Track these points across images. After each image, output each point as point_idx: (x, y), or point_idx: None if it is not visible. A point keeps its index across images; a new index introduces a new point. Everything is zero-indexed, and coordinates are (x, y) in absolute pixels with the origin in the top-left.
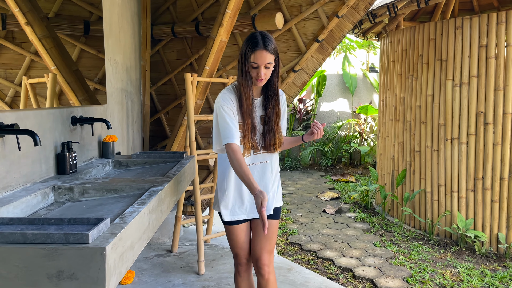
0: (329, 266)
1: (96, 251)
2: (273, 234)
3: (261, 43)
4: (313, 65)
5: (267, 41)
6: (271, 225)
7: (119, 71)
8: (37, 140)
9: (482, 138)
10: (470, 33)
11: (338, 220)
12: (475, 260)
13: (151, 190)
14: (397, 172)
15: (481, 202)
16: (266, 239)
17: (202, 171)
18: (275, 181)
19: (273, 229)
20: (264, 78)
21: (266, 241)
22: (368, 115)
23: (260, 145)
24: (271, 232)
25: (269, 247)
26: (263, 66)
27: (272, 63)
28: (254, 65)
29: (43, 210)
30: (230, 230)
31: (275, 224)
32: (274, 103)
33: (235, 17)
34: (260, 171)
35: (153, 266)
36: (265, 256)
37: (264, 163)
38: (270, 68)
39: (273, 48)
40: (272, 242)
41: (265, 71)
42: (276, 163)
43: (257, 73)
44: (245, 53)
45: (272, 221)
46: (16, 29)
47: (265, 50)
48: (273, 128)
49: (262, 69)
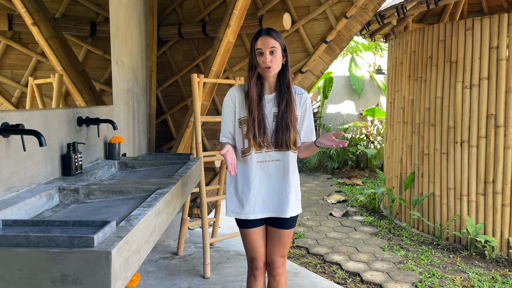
0: (337, 270)
1: (101, 255)
2: (286, 242)
3: (264, 31)
4: (321, 67)
5: (271, 30)
6: (284, 234)
7: (125, 72)
8: (42, 140)
9: (492, 141)
10: (481, 34)
11: (345, 224)
12: (485, 265)
13: (157, 192)
14: (405, 175)
15: (491, 206)
16: (279, 246)
17: (208, 173)
18: (290, 184)
19: (286, 237)
20: (271, 66)
21: (280, 248)
22: (375, 117)
23: (272, 142)
24: (283, 240)
25: (282, 253)
26: (268, 52)
27: (276, 48)
28: (259, 51)
29: (48, 211)
30: (245, 234)
31: (289, 233)
32: (287, 97)
33: (242, 17)
34: (271, 169)
35: (158, 269)
36: (279, 260)
37: (276, 162)
38: (276, 55)
39: (278, 37)
40: (285, 249)
41: (271, 58)
42: (291, 164)
43: (263, 60)
44: (252, 45)
45: (285, 231)
46: (22, 30)
47: (268, 36)
48: (287, 124)
49: (267, 55)
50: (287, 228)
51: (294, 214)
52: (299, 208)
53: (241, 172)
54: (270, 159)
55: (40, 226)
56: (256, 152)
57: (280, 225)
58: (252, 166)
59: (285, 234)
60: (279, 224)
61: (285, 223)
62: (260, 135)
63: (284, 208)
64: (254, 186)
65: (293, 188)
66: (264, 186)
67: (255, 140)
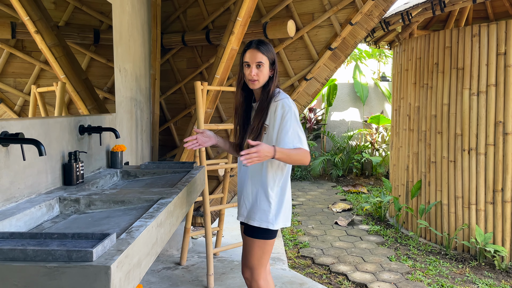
0: (343, 281)
1: (100, 269)
2: (249, 251)
3: (254, 44)
4: (326, 74)
5: (261, 43)
6: (246, 240)
7: (129, 79)
8: (42, 149)
9: (501, 149)
10: (488, 40)
11: (351, 233)
12: (495, 275)
13: (159, 202)
14: (412, 183)
15: (500, 215)
16: (244, 253)
17: (212, 181)
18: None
19: (248, 245)
20: (256, 79)
21: (245, 256)
22: (380, 124)
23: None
24: (246, 247)
25: (247, 263)
26: (255, 66)
27: (263, 63)
28: (246, 63)
29: (47, 222)
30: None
31: (248, 240)
32: (260, 106)
33: (246, 25)
34: (243, 174)
35: (161, 280)
36: (245, 269)
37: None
38: (262, 69)
39: (266, 51)
40: (251, 260)
41: (257, 71)
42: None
43: (248, 73)
44: (241, 56)
45: (247, 237)
46: (26, 38)
47: (256, 49)
48: (251, 130)
49: (253, 68)
50: (247, 235)
51: (249, 222)
52: (258, 221)
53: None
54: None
55: (38, 239)
56: None
57: (245, 229)
58: (240, 170)
59: (246, 240)
60: (246, 228)
61: (248, 228)
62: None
63: (249, 213)
64: (241, 189)
65: (254, 196)
66: (245, 189)
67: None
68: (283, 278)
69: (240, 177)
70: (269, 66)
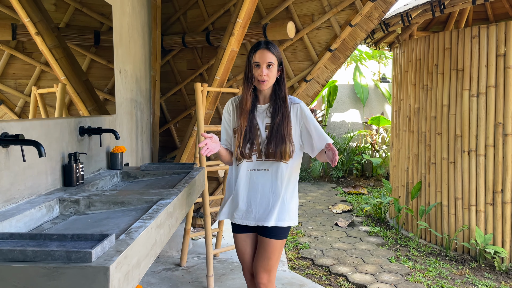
0: (343, 282)
1: (99, 270)
2: (271, 254)
3: (263, 44)
4: (325, 75)
5: (270, 44)
6: (267, 244)
7: (129, 81)
8: (41, 150)
9: (501, 150)
10: (487, 42)
11: (351, 234)
12: (495, 277)
13: (159, 203)
14: (412, 185)
15: (500, 216)
16: (263, 257)
17: (212, 182)
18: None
19: (271, 248)
20: (266, 80)
21: (264, 260)
22: (380, 126)
23: (263, 152)
24: (267, 251)
25: (266, 266)
26: (265, 66)
27: (273, 63)
28: (256, 64)
29: (47, 223)
30: (234, 238)
31: (273, 243)
32: (283, 110)
33: (246, 26)
34: (260, 178)
35: (161, 281)
36: (262, 274)
37: (264, 171)
38: (272, 69)
39: (276, 51)
40: (270, 262)
41: (267, 72)
42: (280, 174)
43: (259, 73)
44: (249, 56)
45: (269, 240)
46: (26, 40)
47: (267, 49)
48: (282, 136)
49: (264, 68)
50: (270, 238)
51: (278, 224)
52: (288, 221)
53: (235, 179)
54: (259, 168)
55: (38, 240)
56: (247, 161)
57: (264, 234)
58: (243, 174)
59: (268, 244)
60: (263, 232)
61: (268, 232)
62: (244, 145)
63: (268, 217)
64: (244, 193)
65: (280, 199)
66: (253, 194)
67: (239, 150)
68: (283, 279)
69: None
70: (277, 67)
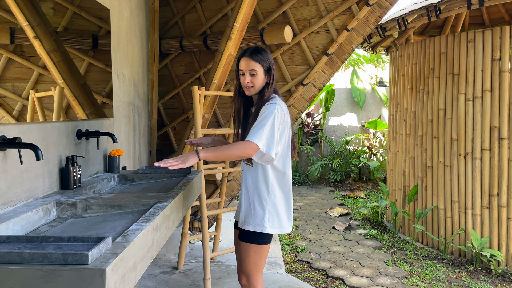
0: (340, 285)
1: (95, 272)
2: (243, 257)
3: (248, 52)
4: (322, 79)
5: (255, 51)
6: (238, 245)
7: (127, 84)
8: (39, 154)
9: (496, 154)
10: (483, 46)
11: (348, 237)
12: (491, 280)
13: (156, 206)
14: (409, 188)
15: (496, 219)
16: (238, 259)
17: (209, 186)
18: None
19: (241, 250)
20: (251, 86)
21: (239, 261)
22: (377, 129)
23: None
24: (239, 253)
25: (242, 268)
26: (248, 73)
27: (257, 71)
28: (241, 71)
29: (44, 226)
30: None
31: (242, 245)
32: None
33: (244, 30)
34: (244, 178)
35: (158, 284)
36: (241, 275)
37: (246, 172)
38: (256, 76)
39: (260, 59)
40: (245, 265)
41: (251, 79)
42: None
43: (243, 80)
44: (237, 64)
45: (239, 241)
46: (24, 43)
47: (249, 57)
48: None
49: (247, 76)
50: (240, 239)
51: (243, 227)
52: (253, 226)
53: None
54: (243, 169)
55: (35, 242)
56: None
57: (240, 235)
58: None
59: (239, 245)
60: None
61: (242, 234)
62: None
63: (240, 217)
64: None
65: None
66: (241, 192)
67: None
68: (280, 282)
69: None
70: (264, 73)
